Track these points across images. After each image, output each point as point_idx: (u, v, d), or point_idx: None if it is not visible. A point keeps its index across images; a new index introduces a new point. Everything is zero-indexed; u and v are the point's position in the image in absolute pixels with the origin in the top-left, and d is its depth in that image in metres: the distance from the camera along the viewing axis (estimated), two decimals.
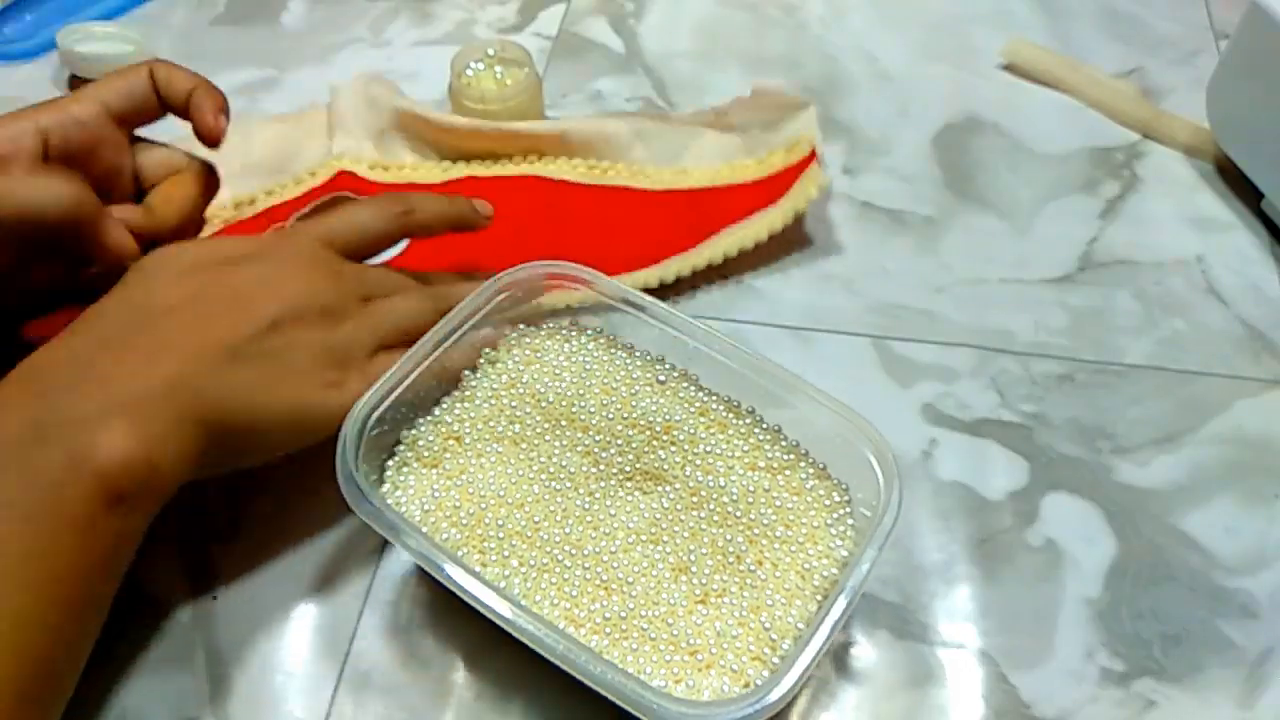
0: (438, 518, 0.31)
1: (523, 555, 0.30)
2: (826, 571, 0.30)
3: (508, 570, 0.30)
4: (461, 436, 0.33)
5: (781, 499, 0.32)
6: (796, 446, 0.33)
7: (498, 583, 0.30)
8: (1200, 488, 0.36)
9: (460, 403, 0.34)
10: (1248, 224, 0.45)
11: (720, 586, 0.30)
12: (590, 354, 0.35)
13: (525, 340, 0.35)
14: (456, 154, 0.46)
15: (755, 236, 0.41)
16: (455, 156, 0.46)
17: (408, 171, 0.45)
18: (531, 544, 0.31)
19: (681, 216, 0.43)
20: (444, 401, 0.34)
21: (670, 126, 0.46)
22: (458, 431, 0.33)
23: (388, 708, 0.31)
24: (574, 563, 0.30)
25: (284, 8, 0.55)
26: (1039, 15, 0.54)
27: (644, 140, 0.46)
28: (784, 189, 0.42)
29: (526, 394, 0.34)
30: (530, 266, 0.34)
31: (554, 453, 0.33)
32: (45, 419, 0.27)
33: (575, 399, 0.34)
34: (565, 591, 0.30)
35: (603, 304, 0.35)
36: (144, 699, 0.31)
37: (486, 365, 0.35)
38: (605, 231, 0.43)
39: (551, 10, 0.55)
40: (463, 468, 0.32)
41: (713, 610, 0.29)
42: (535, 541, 0.31)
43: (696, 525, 0.31)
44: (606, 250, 0.41)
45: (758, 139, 0.45)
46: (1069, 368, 0.40)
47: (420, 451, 0.33)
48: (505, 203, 0.41)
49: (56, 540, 0.26)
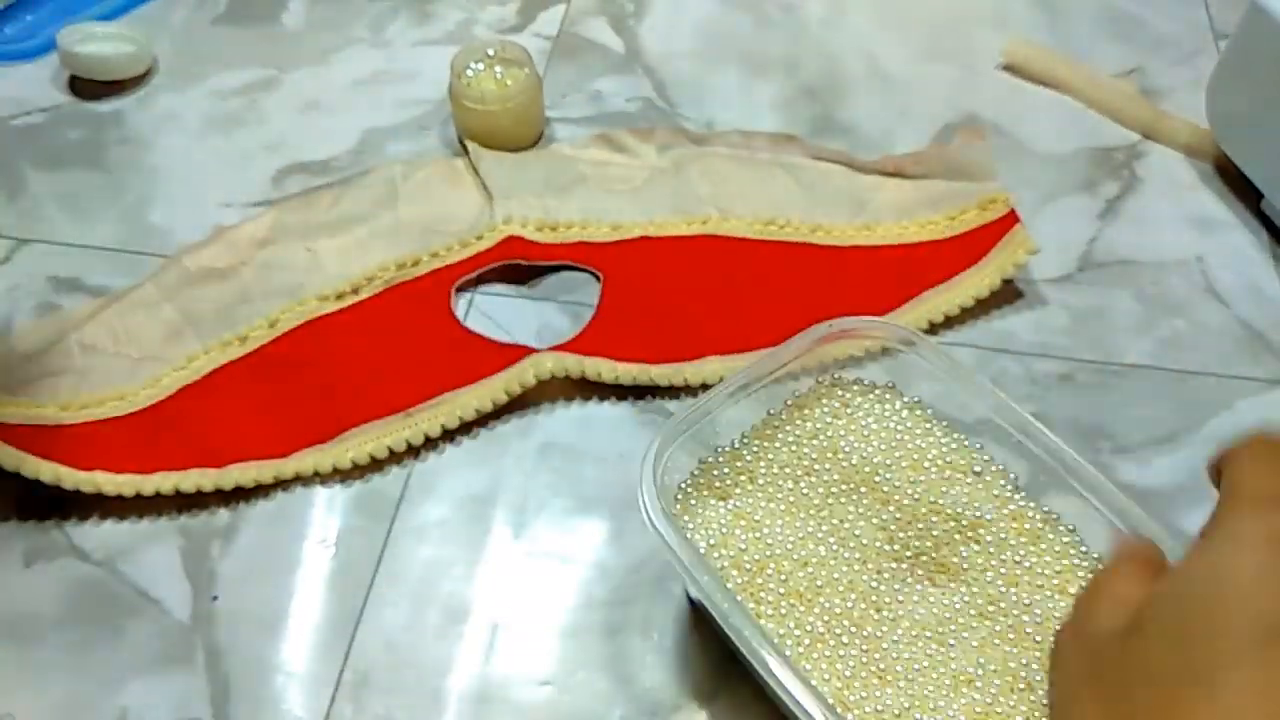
0: (722, 554, 0.31)
1: (799, 618, 0.29)
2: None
3: (783, 630, 0.29)
4: (755, 475, 0.32)
5: None
6: None
7: (775, 642, 0.28)
8: (1200, 487, 0.35)
9: (760, 440, 0.33)
10: (1247, 224, 0.45)
11: (1005, 710, 0.28)
12: (904, 423, 0.34)
13: (838, 392, 0.34)
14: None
15: (960, 301, 0.40)
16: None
17: (576, 230, 0.43)
18: (810, 608, 0.30)
19: (872, 275, 0.41)
20: (745, 437, 0.33)
21: (848, 178, 0.45)
22: (752, 469, 0.33)
23: (387, 708, 0.31)
24: (851, 640, 0.29)
25: (284, 7, 0.55)
26: (1039, 15, 0.54)
27: (816, 192, 0.44)
28: (983, 249, 0.41)
29: (829, 448, 0.33)
30: (859, 320, 0.33)
31: (847, 517, 0.32)
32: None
33: (881, 467, 0.33)
34: (838, 670, 0.29)
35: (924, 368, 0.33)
36: (145, 698, 0.31)
37: (794, 409, 0.34)
38: (790, 292, 0.41)
39: (551, 11, 0.55)
40: (753, 507, 0.32)
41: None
42: (815, 607, 0.30)
43: (989, 637, 0.29)
44: (793, 311, 0.39)
45: (942, 192, 0.44)
46: (1069, 367, 0.40)
47: (712, 480, 0.32)
48: (681, 264, 0.41)
49: None
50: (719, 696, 0.31)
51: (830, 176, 0.45)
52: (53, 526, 0.35)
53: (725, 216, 0.43)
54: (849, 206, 0.44)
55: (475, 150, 0.46)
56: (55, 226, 0.45)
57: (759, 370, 0.33)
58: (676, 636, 0.32)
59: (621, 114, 0.49)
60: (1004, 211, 0.42)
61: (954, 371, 0.34)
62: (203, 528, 0.35)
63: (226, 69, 0.52)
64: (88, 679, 0.32)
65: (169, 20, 0.54)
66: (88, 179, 0.47)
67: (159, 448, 0.36)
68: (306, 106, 0.50)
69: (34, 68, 0.52)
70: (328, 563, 0.34)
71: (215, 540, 0.35)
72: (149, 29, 0.52)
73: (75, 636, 0.33)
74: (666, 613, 0.33)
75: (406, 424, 0.37)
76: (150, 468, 0.35)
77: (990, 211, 0.42)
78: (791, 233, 0.43)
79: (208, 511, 0.35)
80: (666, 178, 0.45)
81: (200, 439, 0.36)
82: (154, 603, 0.33)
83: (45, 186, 0.46)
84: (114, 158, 0.48)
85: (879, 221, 0.43)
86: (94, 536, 0.35)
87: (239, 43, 0.53)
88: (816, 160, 0.46)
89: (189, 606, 0.33)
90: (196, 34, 0.54)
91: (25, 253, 0.44)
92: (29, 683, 0.32)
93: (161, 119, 0.49)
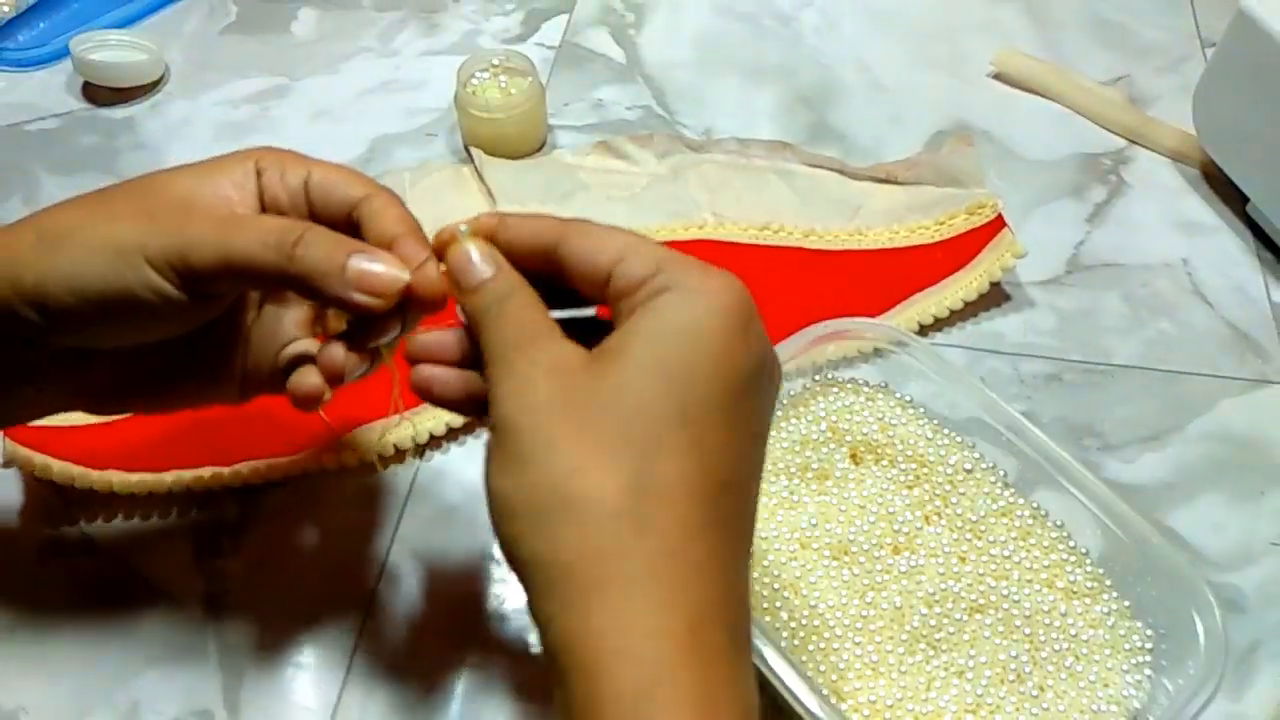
0: None
1: (794, 611, 0.30)
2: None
3: (778, 623, 0.30)
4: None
5: (1077, 628, 0.30)
6: (1103, 576, 0.31)
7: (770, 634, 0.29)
8: (1187, 485, 0.37)
9: None
10: (1233, 228, 0.45)
11: (995, 702, 0.29)
12: (896, 421, 0.34)
13: (832, 392, 0.35)
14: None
15: (950, 304, 0.41)
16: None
17: None
18: (805, 602, 0.30)
19: (862, 278, 0.42)
20: None
21: (841, 184, 0.46)
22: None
23: (397, 698, 0.32)
24: (845, 633, 0.30)
25: (294, 17, 0.56)
26: (1029, 24, 0.55)
27: (810, 198, 0.45)
28: (971, 253, 0.42)
29: (823, 446, 0.34)
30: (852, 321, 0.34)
31: (841, 514, 0.32)
32: None
33: (873, 464, 0.33)
34: (832, 662, 0.29)
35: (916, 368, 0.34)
36: (157, 690, 0.32)
37: (789, 408, 0.35)
38: (784, 295, 0.41)
39: (554, 21, 0.56)
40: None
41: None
42: (809, 600, 0.30)
43: (979, 630, 0.30)
44: (787, 313, 0.38)
45: (930, 196, 0.44)
46: (1057, 368, 0.40)
47: None
48: None
49: None
50: None
51: (824, 183, 0.46)
52: (65, 522, 0.36)
53: (721, 222, 0.44)
54: (842, 212, 0.45)
55: (480, 157, 0.47)
56: None
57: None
58: None
59: (622, 122, 0.50)
60: (992, 216, 0.43)
61: (945, 371, 0.34)
62: (213, 523, 0.36)
63: (238, 77, 0.52)
64: (99, 672, 0.32)
65: (181, 28, 0.55)
66: (101, 184, 0.47)
67: (171, 447, 0.36)
68: (316, 115, 0.51)
69: (47, 74, 0.53)
70: (336, 558, 0.35)
71: (226, 536, 0.35)
72: (161, 37, 0.53)
73: (87, 630, 0.33)
74: None
75: (413, 422, 0.38)
76: (162, 466, 0.36)
77: (979, 216, 0.43)
78: (786, 237, 0.44)
79: (218, 508, 0.36)
80: (664, 184, 0.46)
81: (211, 438, 0.37)
82: (166, 596, 0.34)
83: (59, 191, 0.47)
84: (126, 164, 0.48)
85: (871, 226, 0.44)
86: (106, 532, 0.35)
87: (250, 51, 0.54)
88: (810, 167, 0.47)
89: (200, 600, 0.34)
90: (208, 42, 0.54)
91: None
92: (42, 676, 0.32)
93: (173, 126, 0.50)
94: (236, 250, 0.24)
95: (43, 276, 0.24)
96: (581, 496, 0.20)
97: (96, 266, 0.24)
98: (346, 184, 0.26)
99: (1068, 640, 0.30)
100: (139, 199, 0.26)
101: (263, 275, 0.24)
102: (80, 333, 0.25)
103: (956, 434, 0.34)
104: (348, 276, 0.24)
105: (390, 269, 0.24)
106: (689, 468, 0.21)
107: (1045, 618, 0.30)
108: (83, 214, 0.25)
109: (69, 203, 0.26)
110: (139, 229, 0.24)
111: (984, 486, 0.33)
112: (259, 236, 0.24)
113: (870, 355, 0.36)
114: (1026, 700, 0.29)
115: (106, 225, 0.25)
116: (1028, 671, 0.29)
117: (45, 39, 0.54)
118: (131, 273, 0.24)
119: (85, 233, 0.25)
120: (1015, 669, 0.29)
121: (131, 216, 0.25)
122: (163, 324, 0.26)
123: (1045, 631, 0.30)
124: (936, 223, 0.44)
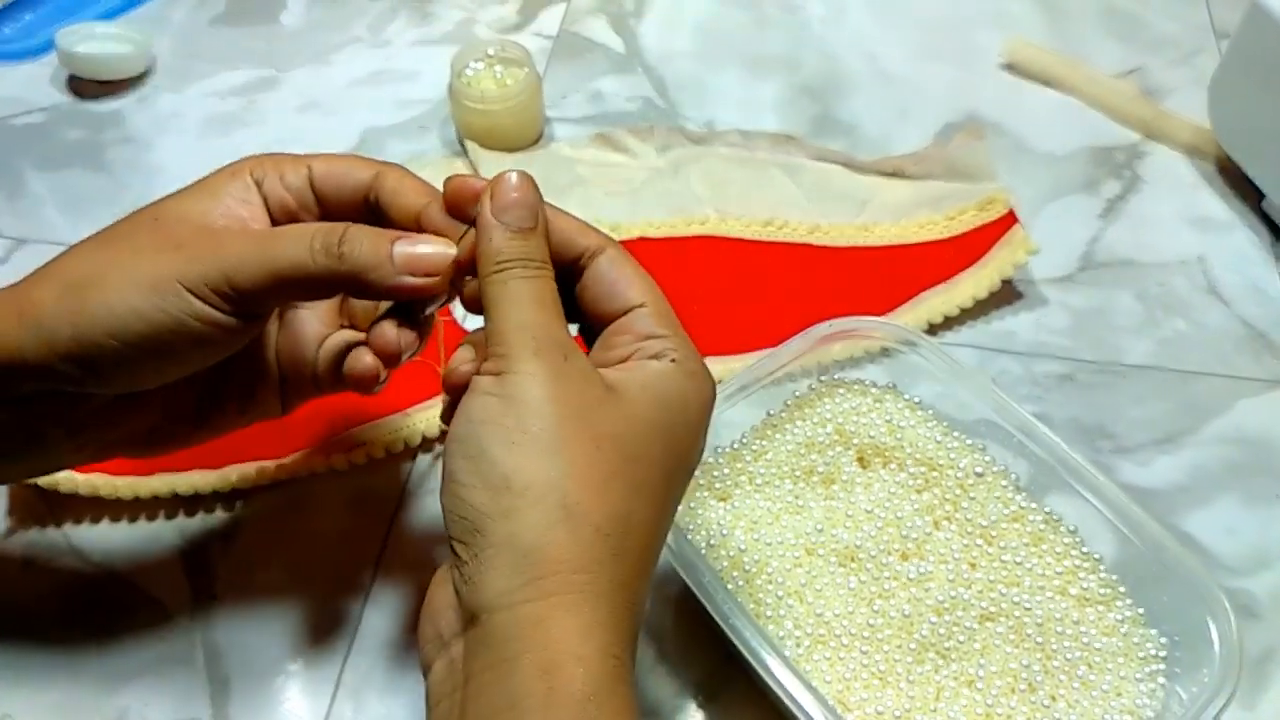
0: (722, 555, 0.31)
1: (799, 619, 0.30)
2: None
3: (782, 631, 0.29)
4: (755, 476, 0.33)
5: (1089, 636, 0.29)
6: (1116, 583, 0.30)
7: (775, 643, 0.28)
8: (1201, 488, 0.36)
9: (760, 441, 0.33)
10: (1249, 224, 0.45)
11: (1005, 713, 0.28)
12: (904, 423, 0.34)
13: (838, 393, 0.34)
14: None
15: (960, 302, 0.40)
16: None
17: None
18: (810, 609, 0.30)
19: (871, 275, 0.41)
20: (744, 438, 0.33)
21: (847, 178, 0.45)
22: (752, 470, 0.33)
23: (387, 709, 0.31)
24: (852, 642, 0.29)
25: (283, 7, 0.55)
26: (1039, 15, 0.54)
27: (815, 193, 0.44)
28: (982, 249, 0.41)
29: (829, 449, 0.33)
30: (859, 320, 0.34)
31: (848, 519, 0.32)
32: None
33: (881, 468, 0.33)
34: (838, 671, 0.29)
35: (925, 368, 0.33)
36: (145, 698, 0.31)
37: (794, 409, 0.34)
38: (788, 292, 0.41)
39: (551, 10, 0.55)
40: (753, 507, 0.32)
41: None
42: (815, 607, 0.30)
43: (989, 639, 0.29)
44: (791, 312, 0.39)
45: (940, 191, 0.44)
46: (1070, 367, 0.39)
47: (712, 481, 0.32)
48: (679, 265, 0.40)
49: None
50: (719, 696, 0.31)
51: (830, 177, 0.45)
52: (51, 528, 0.35)
53: (724, 217, 0.43)
54: (848, 207, 0.44)
55: (475, 150, 0.46)
56: (54, 226, 0.45)
57: (758, 371, 0.33)
58: (676, 636, 0.32)
59: (621, 114, 0.49)
60: (1003, 211, 0.42)
61: (954, 372, 0.33)
62: (201, 528, 0.35)
63: (226, 69, 0.52)
64: (87, 679, 0.32)
65: (168, 20, 0.54)
66: (87, 179, 0.47)
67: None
68: (306, 106, 0.50)
69: (33, 67, 0.52)
70: (327, 563, 0.34)
71: (214, 541, 0.35)
72: (148, 29, 0.52)
73: (74, 637, 0.33)
74: (666, 613, 0.33)
75: (404, 424, 0.37)
76: (148, 470, 0.35)
77: (989, 211, 0.42)
78: (790, 233, 0.43)
79: (206, 512, 0.35)
80: (665, 178, 0.45)
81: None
82: (153, 602, 0.33)
83: (44, 186, 0.46)
84: (113, 157, 0.48)
85: (878, 222, 0.43)
86: (93, 537, 0.35)
87: (238, 42, 0.53)
88: (816, 161, 0.46)
89: (188, 606, 0.33)
90: (195, 34, 0.54)
91: (24, 253, 0.44)
92: (28, 683, 0.32)
93: (161, 119, 0.49)
94: (283, 262, 0.24)
95: (79, 329, 0.24)
96: (578, 505, 0.22)
97: (136, 306, 0.24)
98: (351, 169, 0.27)
99: (1080, 649, 0.29)
100: (157, 231, 0.25)
101: (313, 281, 0.24)
102: (126, 377, 0.25)
103: (967, 436, 0.34)
104: (397, 264, 0.24)
105: (436, 247, 0.25)
106: (652, 518, 0.23)
107: (1058, 626, 0.30)
108: (104, 256, 0.25)
109: (82, 248, 0.26)
110: (171, 260, 0.24)
111: (995, 491, 0.32)
112: (304, 244, 0.24)
113: (878, 355, 0.35)
114: (1038, 710, 0.28)
115: (134, 262, 0.24)
116: (1039, 681, 0.29)
117: (30, 32, 0.54)
118: (174, 305, 0.24)
119: (115, 274, 0.24)
120: (1027, 678, 0.29)
121: (158, 249, 0.25)
122: (209, 351, 0.25)
123: (1058, 640, 0.30)
124: (946, 218, 0.43)
